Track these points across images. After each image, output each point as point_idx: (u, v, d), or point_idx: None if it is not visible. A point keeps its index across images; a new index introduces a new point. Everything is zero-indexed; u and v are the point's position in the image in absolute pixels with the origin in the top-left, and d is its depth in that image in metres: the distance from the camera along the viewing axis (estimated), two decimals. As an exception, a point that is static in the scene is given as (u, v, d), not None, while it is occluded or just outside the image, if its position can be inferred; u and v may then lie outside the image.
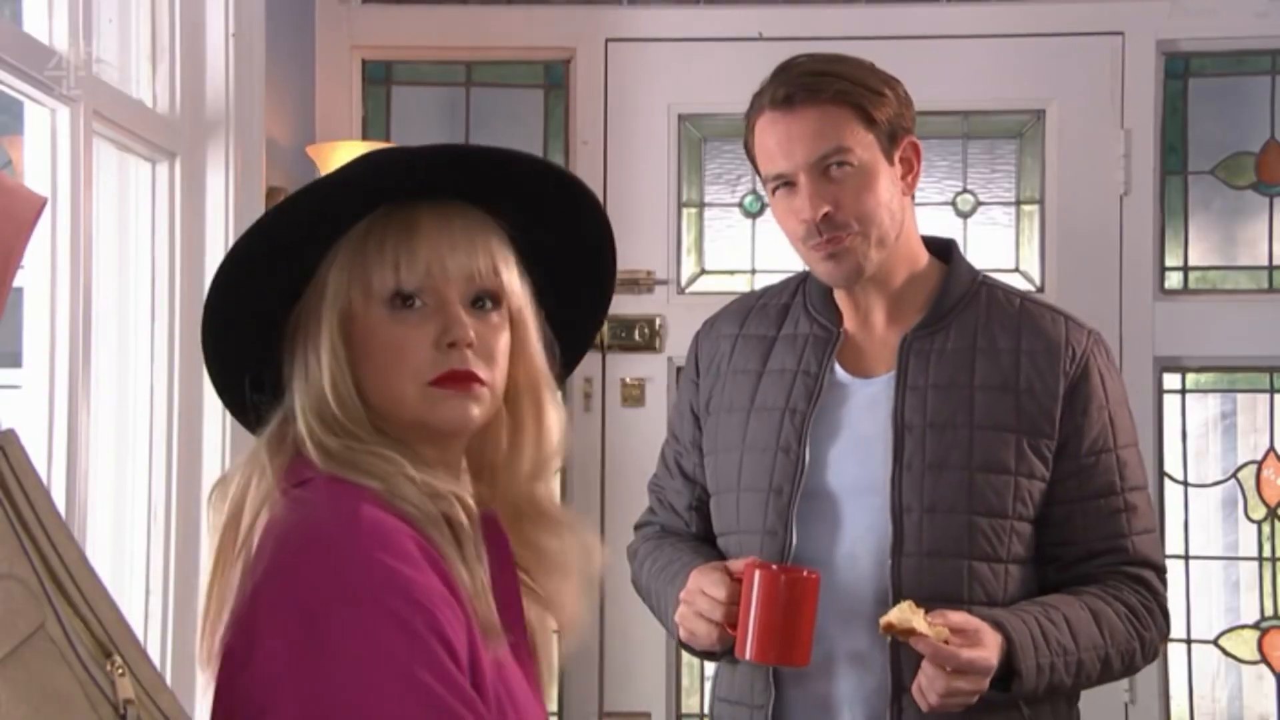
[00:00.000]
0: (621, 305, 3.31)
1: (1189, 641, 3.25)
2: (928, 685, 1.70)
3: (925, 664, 1.69)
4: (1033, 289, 3.27)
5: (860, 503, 1.83)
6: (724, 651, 1.84)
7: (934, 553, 1.78)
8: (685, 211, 3.36)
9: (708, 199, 3.37)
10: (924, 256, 1.92)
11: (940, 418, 1.82)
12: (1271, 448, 3.27)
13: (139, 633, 1.77)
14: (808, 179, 1.80)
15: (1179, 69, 3.30)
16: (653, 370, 3.30)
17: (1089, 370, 1.86)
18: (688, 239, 3.36)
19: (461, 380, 1.20)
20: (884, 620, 1.69)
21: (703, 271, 3.37)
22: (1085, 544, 1.85)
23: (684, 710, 3.30)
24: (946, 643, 1.67)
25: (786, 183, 1.83)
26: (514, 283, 1.25)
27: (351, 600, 1.05)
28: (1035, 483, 1.82)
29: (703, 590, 1.78)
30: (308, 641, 1.04)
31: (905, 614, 1.67)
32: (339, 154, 2.99)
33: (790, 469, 1.84)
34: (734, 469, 1.90)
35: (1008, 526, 1.81)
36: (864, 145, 1.81)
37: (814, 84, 1.81)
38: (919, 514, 1.79)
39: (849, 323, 1.91)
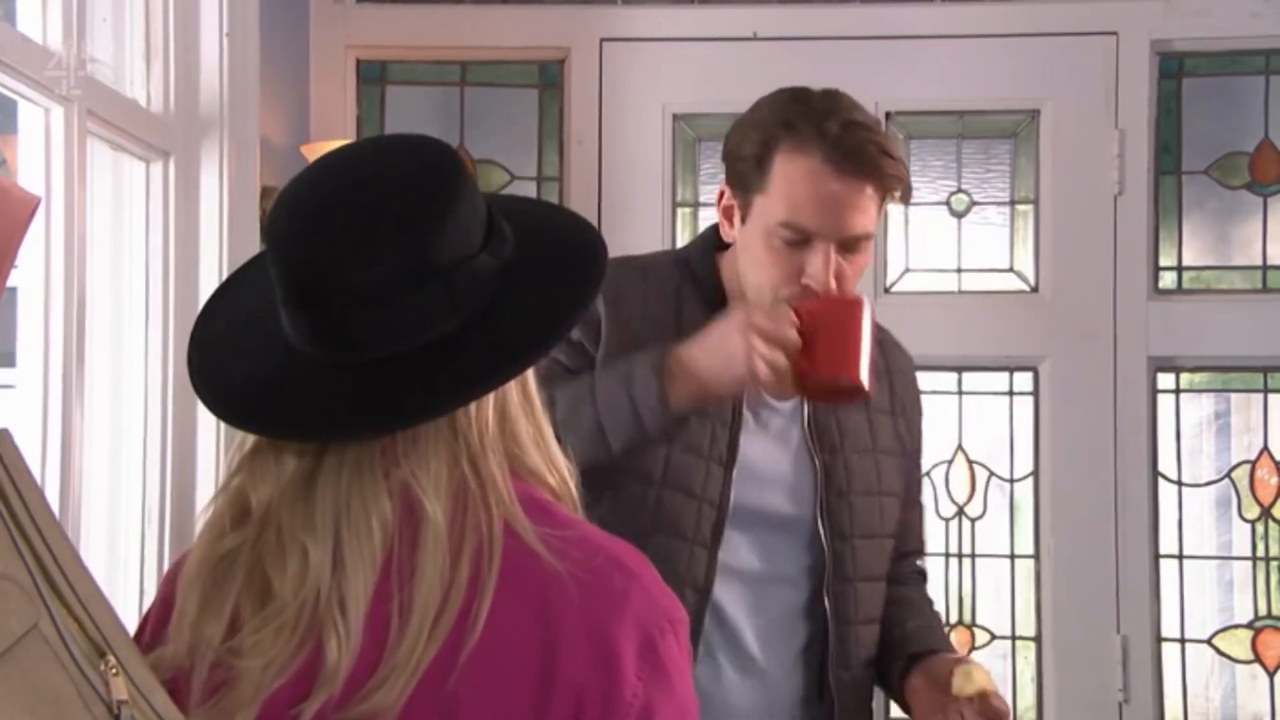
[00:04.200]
0: (616, 305, 3.31)
1: (1183, 641, 3.25)
2: None
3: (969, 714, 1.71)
4: (1027, 289, 3.27)
5: (787, 527, 1.84)
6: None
7: (866, 577, 1.86)
8: (680, 211, 3.36)
9: (702, 199, 3.37)
10: None
11: (855, 443, 1.86)
12: (1265, 447, 3.28)
13: (133, 633, 1.75)
14: (834, 250, 1.74)
15: (1173, 69, 3.30)
16: (647, 370, 3.29)
17: (918, 383, 1.98)
18: (682, 238, 3.35)
19: None
20: (974, 690, 1.68)
21: (697, 271, 3.37)
22: (907, 545, 1.95)
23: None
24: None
25: (803, 237, 1.74)
26: None
27: (672, 626, 1.10)
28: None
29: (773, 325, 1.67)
30: (657, 668, 1.08)
31: (984, 677, 1.69)
32: (333, 153, 2.99)
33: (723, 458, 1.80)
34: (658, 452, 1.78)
35: (891, 545, 1.90)
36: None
37: (877, 161, 1.73)
38: (849, 541, 1.83)
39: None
